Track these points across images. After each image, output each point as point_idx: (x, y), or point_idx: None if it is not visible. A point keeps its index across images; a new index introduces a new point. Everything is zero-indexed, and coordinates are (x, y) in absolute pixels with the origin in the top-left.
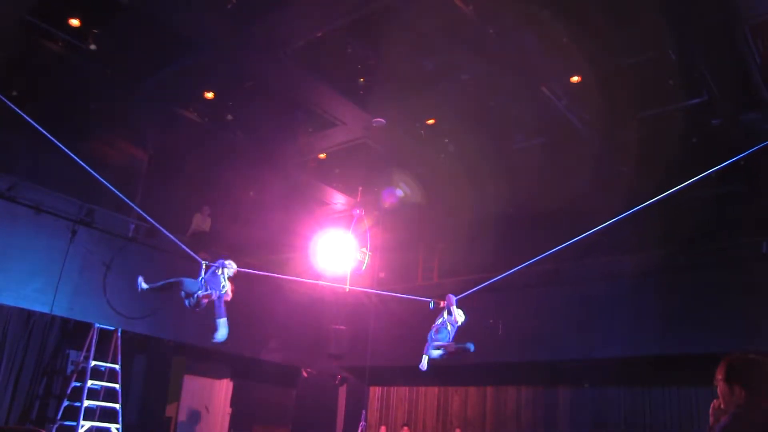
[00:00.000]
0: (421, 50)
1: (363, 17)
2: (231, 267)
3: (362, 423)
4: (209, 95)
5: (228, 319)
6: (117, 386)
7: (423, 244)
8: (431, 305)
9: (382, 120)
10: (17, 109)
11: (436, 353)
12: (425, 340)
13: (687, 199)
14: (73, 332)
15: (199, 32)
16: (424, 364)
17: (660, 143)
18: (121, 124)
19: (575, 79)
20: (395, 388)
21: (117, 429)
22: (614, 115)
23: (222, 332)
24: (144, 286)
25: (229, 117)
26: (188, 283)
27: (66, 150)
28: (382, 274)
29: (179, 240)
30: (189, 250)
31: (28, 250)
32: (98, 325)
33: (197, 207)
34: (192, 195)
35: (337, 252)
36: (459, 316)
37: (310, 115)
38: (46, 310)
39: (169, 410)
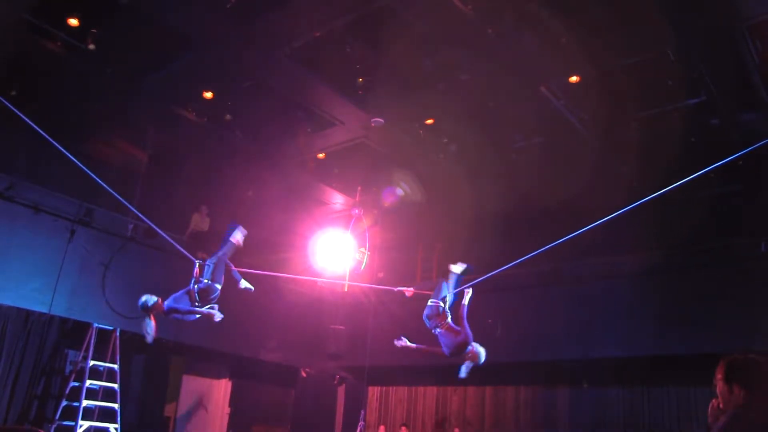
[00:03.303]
0: (421, 50)
1: (362, 17)
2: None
3: (361, 423)
4: (208, 95)
5: (227, 319)
6: (116, 386)
7: (422, 243)
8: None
9: (381, 120)
10: (15, 110)
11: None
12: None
13: (686, 199)
14: (72, 332)
15: (198, 32)
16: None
17: (659, 143)
18: (120, 124)
19: (574, 78)
20: (394, 387)
21: (116, 429)
22: (613, 114)
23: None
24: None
25: (228, 117)
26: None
27: (65, 152)
28: (380, 274)
29: (177, 240)
30: (184, 251)
31: (26, 250)
32: (97, 324)
33: (196, 207)
34: (191, 195)
35: (335, 252)
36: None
37: (309, 114)
38: (44, 309)
39: (168, 410)
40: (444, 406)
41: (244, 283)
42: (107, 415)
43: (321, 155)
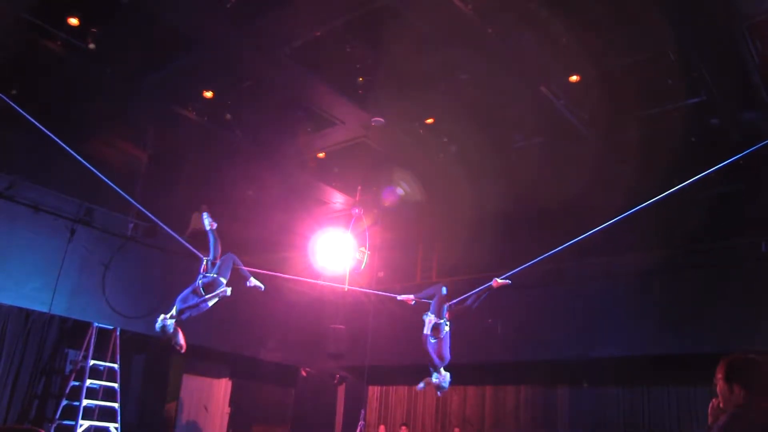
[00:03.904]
0: (421, 50)
1: (362, 16)
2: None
3: (361, 422)
4: (208, 94)
5: (227, 319)
6: (116, 385)
7: (422, 243)
8: None
9: (381, 119)
10: (18, 108)
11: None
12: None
13: (686, 199)
14: (72, 331)
15: (199, 31)
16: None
17: (659, 143)
18: (120, 124)
19: (574, 78)
20: (394, 387)
21: (116, 428)
22: (613, 114)
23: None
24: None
25: (228, 116)
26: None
27: (68, 149)
28: (381, 274)
29: (179, 238)
30: (192, 248)
31: (26, 250)
32: (97, 324)
33: (196, 207)
34: (191, 195)
35: (335, 251)
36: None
37: (309, 114)
38: (44, 309)
39: (168, 409)
40: (444, 405)
41: (253, 281)
42: (107, 414)
43: (321, 155)
